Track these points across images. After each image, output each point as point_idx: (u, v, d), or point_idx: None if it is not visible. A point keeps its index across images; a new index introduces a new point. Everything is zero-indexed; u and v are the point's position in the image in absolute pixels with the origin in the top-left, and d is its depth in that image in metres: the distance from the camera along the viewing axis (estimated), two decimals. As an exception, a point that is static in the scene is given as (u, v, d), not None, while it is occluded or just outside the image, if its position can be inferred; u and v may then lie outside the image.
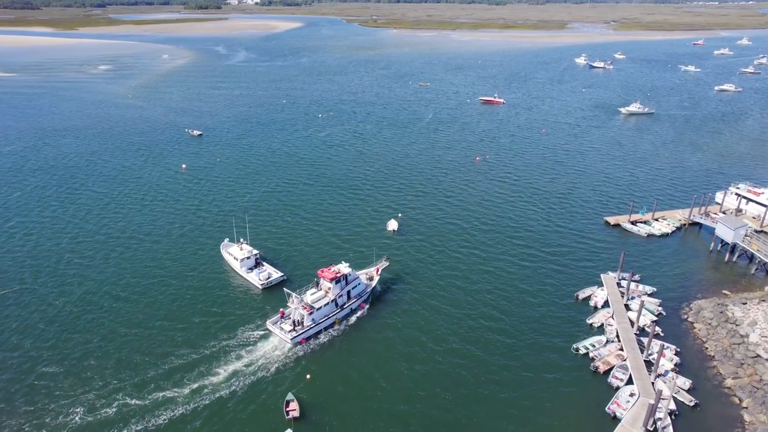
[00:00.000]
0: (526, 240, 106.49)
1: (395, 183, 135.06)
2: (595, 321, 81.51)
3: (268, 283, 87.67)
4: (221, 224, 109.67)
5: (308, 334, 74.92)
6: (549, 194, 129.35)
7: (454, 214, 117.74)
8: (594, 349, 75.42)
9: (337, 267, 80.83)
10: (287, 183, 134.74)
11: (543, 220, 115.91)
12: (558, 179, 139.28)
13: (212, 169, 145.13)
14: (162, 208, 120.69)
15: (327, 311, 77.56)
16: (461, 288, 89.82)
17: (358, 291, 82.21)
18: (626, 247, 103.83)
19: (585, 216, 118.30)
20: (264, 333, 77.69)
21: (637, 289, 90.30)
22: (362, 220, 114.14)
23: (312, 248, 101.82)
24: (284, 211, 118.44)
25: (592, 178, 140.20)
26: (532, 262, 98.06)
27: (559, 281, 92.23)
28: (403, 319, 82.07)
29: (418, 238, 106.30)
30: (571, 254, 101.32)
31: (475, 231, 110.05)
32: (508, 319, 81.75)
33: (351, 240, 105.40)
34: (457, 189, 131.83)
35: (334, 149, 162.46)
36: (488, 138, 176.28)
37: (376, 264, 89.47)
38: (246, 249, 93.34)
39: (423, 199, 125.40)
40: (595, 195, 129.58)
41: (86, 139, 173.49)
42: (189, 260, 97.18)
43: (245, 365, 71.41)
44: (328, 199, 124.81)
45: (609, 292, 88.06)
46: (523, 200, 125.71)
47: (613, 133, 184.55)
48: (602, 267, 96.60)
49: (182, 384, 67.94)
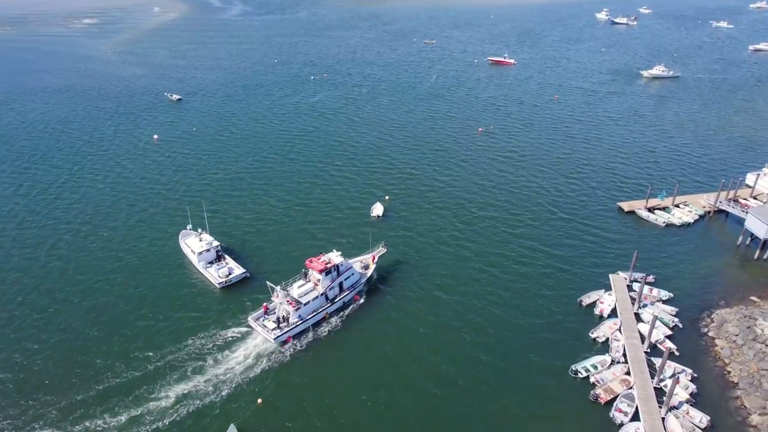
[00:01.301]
0: (527, 230, 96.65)
1: (385, 159, 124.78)
2: (600, 335, 72.13)
3: (227, 281, 78.50)
4: (186, 208, 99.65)
5: (294, 332, 69.28)
6: (556, 174, 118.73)
7: (447, 198, 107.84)
8: (596, 371, 66.31)
9: (327, 256, 74.33)
10: (266, 159, 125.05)
11: (548, 205, 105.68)
12: (568, 156, 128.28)
13: (186, 141, 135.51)
14: (124, 187, 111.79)
15: (316, 306, 72.06)
16: (445, 291, 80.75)
17: (352, 282, 76.32)
18: (641, 239, 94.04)
19: (596, 200, 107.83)
20: (222, 344, 69.66)
21: (651, 294, 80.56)
22: (344, 203, 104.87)
23: (283, 238, 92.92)
24: (258, 192, 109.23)
25: (606, 155, 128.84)
26: (531, 258, 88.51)
27: (561, 282, 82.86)
28: (381, 327, 73.04)
29: (404, 226, 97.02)
30: (578, 248, 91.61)
31: (469, 220, 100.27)
32: (498, 332, 72.87)
33: (328, 228, 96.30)
34: (453, 168, 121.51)
35: (322, 118, 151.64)
36: (494, 105, 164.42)
37: (372, 251, 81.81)
38: (206, 240, 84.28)
39: (414, 180, 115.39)
40: (608, 175, 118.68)
41: (56, 104, 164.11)
42: (144, 252, 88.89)
43: (194, 386, 63.48)
44: (308, 178, 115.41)
45: (618, 298, 78.64)
46: (526, 181, 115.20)
47: (632, 100, 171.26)
48: (612, 264, 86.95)
49: (117, 410, 60.33)
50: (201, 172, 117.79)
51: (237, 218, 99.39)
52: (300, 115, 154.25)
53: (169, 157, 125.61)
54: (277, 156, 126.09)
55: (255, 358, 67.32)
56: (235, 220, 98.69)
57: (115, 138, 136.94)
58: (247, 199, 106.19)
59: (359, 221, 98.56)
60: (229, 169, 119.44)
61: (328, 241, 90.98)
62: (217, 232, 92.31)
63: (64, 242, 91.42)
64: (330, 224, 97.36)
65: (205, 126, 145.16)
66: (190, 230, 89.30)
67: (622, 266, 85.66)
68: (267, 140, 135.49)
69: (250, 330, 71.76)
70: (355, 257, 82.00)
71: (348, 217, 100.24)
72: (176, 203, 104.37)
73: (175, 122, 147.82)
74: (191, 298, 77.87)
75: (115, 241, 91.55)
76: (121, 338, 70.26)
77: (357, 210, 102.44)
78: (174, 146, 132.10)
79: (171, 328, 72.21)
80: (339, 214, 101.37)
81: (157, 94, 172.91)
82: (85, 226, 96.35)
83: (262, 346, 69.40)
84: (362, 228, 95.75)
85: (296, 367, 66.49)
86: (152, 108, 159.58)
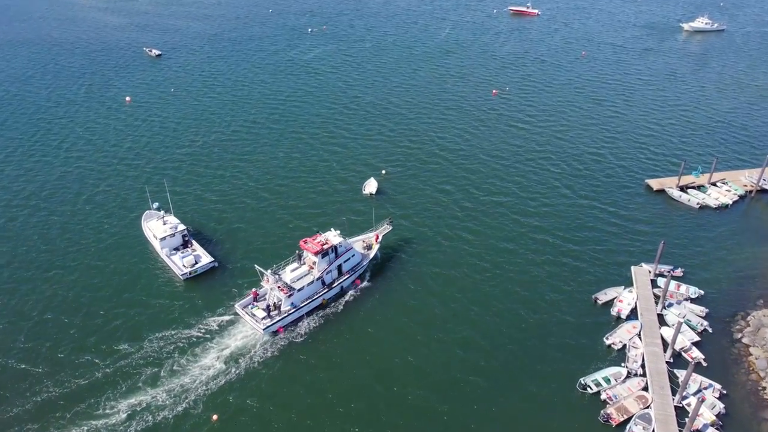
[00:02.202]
0: (539, 213, 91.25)
1: (383, 128, 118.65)
2: (616, 341, 67.32)
3: (191, 272, 73.90)
4: (154, 185, 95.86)
5: (286, 321, 67.28)
6: (577, 145, 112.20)
7: (451, 175, 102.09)
8: (608, 386, 61.60)
9: (324, 236, 71.77)
10: (248, 126, 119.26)
11: (565, 181, 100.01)
12: (592, 125, 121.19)
13: (163, 104, 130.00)
14: (86, 158, 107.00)
15: (311, 292, 69.85)
16: (440, 286, 76.06)
17: (352, 264, 73.88)
18: (670, 224, 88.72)
19: (621, 177, 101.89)
20: (184, 345, 66.06)
21: (678, 291, 75.28)
22: (333, 177, 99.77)
23: (260, 221, 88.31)
24: (236, 165, 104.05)
25: (635, 124, 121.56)
26: (542, 245, 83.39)
27: (574, 275, 77.89)
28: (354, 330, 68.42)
29: (398, 207, 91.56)
30: (596, 234, 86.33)
31: (473, 200, 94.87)
32: (497, 337, 68.32)
33: (312, 209, 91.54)
34: (461, 138, 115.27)
35: (316, 79, 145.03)
36: (512, 64, 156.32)
37: (375, 228, 78.92)
38: (170, 223, 79.54)
39: (415, 152, 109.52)
40: (636, 148, 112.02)
41: (22, 59, 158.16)
42: (100, 237, 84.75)
43: (149, 398, 59.95)
44: (294, 149, 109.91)
45: (639, 295, 73.78)
46: (542, 154, 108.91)
47: (669, 59, 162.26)
48: (635, 254, 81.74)
49: (53, 429, 56.53)
50: (174, 142, 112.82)
51: (209, 196, 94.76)
52: (292, 73, 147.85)
53: (139, 124, 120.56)
54: (261, 123, 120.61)
55: (226, 361, 63.54)
56: (207, 199, 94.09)
57: (84, 99, 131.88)
58: (224, 174, 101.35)
59: (351, 198, 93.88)
60: (207, 138, 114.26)
61: (313, 222, 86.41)
62: (185, 213, 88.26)
63: (7, 225, 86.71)
64: (315, 204, 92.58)
65: (185, 86, 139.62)
66: (157, 209, 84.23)
67: (647, 257, 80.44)
68: (252, 104, 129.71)
69: (220, 329, 68.07)
70: (356, 236, 78.34)
71: (337, 193, 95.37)
72: (145, 177, 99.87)
73: (152, 82, 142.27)
74: (151, 292, 74.08)
75: (69, 224, 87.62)
76: (68, 340, 66.42)
77: (348, 187, 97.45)
78: (148, 110, 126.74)
79: (126, 326, 68.77)
80: (326, 189, 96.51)
81: (135, 48, 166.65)
82: (34, 204, 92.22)
83: (237, 344, 66.03)
84: (352, 205, 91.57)
85: (288, 362, 63.85)
86: (128, 65, 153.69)
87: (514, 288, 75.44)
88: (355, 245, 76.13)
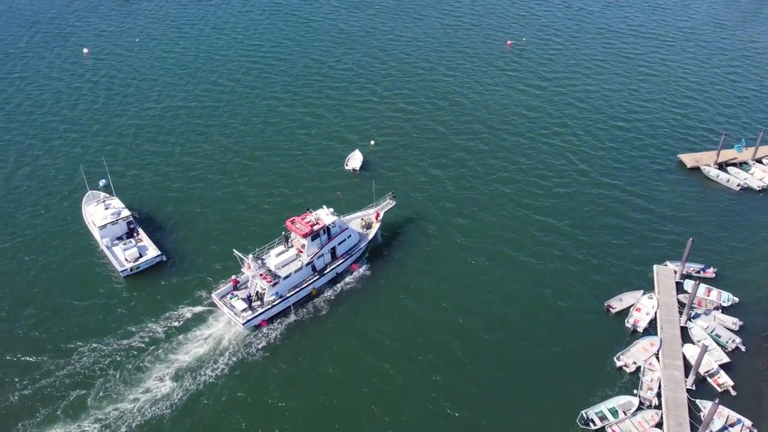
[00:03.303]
0: (549, 196, 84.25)
1: (376, 88, 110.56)
2: (628, 362, 61.36)
3: (134, 267, 68.71)
4: (108, 156, 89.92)
5: (270, 313, 63.93)
6: (600, 112, 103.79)
7: (450, 146, 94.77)
8: (615, 420, 56.07)
9: (315, 214, 67.79)
10: (219, 87, 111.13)
11: (582, 155, 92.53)
12: (619, 86, 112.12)
13: (124, 58, 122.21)
14: (32, 122, 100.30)
15: (299, 279, 66.19)
16: (431, 281, 70.49)
17: (348, 247, 70.38)
18: (703, 210, 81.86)
19: (649, 151, 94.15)
20: (120, 359, 60.87)
21: (708, 297, 68.57)
22: (310, 152, 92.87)
23: (221, 204, 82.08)
24: (197, 135, 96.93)
25: (669, 86, 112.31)
26: (550, 238, 76.67)
27: (585, 275, 71.44)
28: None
29: (385, 186, 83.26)
30: (615, 221, 79.55)
31: (472, 178, 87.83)
32: (483, 356, 61.95)
33: (284, 189, 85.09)
34: (465, 100, 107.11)
35: (306, 27, 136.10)
36: (533, 9, 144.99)
37: (376, 204, 75.20)
38: (113, 208, 73.36)
39: (410, 118, 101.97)
40: (670, 114, 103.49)
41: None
42: (35, 222, 78.71)
43: (75, 430, 54.71)
44: (269, 115, 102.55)
45: (661, 303, 67.38)
46: (558, 121, 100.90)
47: (715, 5, 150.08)
48: (659, 249, 75.04)
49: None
50: (129, 105, 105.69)
51: (167, 171, 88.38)
52: (276, 23, 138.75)
53: (94, 82, 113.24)
54: (236, 81, 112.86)
55: (176, 378, 58.26)
56: (165, 175, 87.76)
57: (38, 51, 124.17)
58: (186, 144, 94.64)
59: (332, 175, 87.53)
60: (171, 100, 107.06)
61: (286, 205, 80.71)
62: (135, 192, 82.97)
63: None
64: (291, 182, 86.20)
65: (153, 36, 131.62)
66: (105, 187, 79.09)
67: (673, 253, 73.48)
68: (225, 59, 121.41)
69: (167, 338, 62.65)
70: (353, 213, 74.03)
71: (314, 167, 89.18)
72: (96, 148, 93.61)
73: (116, 30, 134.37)
74: (84, 293, 68.20)
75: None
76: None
77: (329, 159, 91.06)
78: (106, 64, 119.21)
79: (50, 336, 62.99)
80: (303, 164, 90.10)
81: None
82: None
83: (192, 356, 60.91)
84: (331, 183, 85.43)
85: (271, 363, 60.03)
86: (92, 10, 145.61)
87: (512, 287, 69.66)
88: (352, 224, 71.93)
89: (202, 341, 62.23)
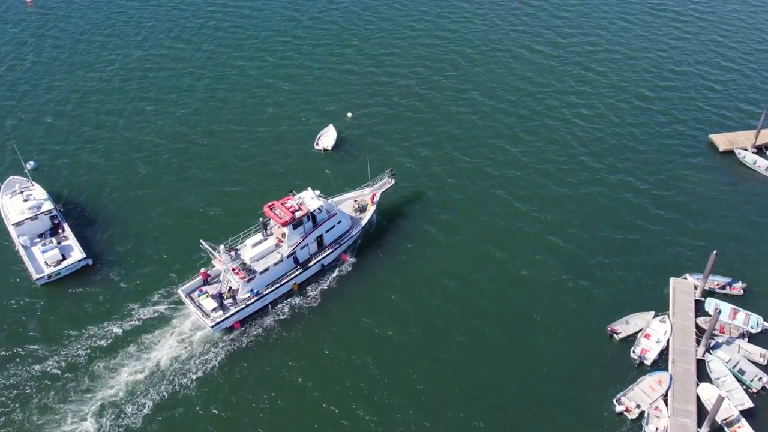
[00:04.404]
0: (554, 184, 76.44)
1: (356, 54, 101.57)
2: (631, 405, 54.64)
3: (53, 274, 62.83)
4: (38, 134, 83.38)
5: (245, 314, 60.13)
6: (619, 83, 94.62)
7: (443, 121, 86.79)
8: (609, 484, 48.46)
9: (299, 198, 63.45)
10: (177, 48, 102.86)
11: (596, 134, 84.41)
12: (644, 49, 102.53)
13: (75, 7, 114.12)
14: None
15: (279, 274, 62.23)
16: (407, 298, 63.79)
17: (337, 234, 66.21)
18: (734, 206, 74.03)
19: (673, 130, 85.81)
20: (30, 391, 55.00)
21: (733, 321, 61.20)
22: (280, 125, 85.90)
23: (165, 194, 75.41)
24: (148, 106, 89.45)
25: (706, 49, 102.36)
26: (546, 243, 69.46)
27: (587, 291, 64.18)
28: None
29: (358, 170, 76.10)
30: (627, 221, 72.11)
31: (464, 164, 79.99)
32: (449, 400, 55.21)
33: (243, 172, 78.48)
34: (455, 71, 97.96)
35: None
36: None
37: (372, 183, 70.87)
38: (33, 200, 67.30)
39: (399, 86, 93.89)
40: (703, 86, 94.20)
41: None
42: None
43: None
44: (225, 83, 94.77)
45: (675, 327, 60.08)
46: (566, 94, 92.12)
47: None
48: (679, 256, 67.69)
49: None
50: (77, 66, 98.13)
51: (103, 153, 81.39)
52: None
53: (37, 35, 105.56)
54: (194, 42, 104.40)
55: (102, 413, 52.39)
56: (99, 154, 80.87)
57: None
58: (128, 120, 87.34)
59: (299, 155, 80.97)
60: (119, 63, 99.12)
61: (242, 197, 74.48)
62: (66, 179, 76.10)
63: None
64: (250, 167, 79.32)
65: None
66: (32, 169, 73.45)
67: (695, 261, 66.08)
68: (187, 14, 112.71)
69: (87, 364, 56.72)
70: (344, 194, 70.00)
71: (279, 150, 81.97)
72: (27, 125, 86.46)
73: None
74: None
75: None
76: None
77: (296, 136, 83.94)
78: (52, 16, 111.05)
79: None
80: (266, 143, 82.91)
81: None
82: None
83: (125, 385, 54.98)
84: (297, 166, 79.14)
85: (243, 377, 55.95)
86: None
87: (494, 306, 62.69)
88: (344, 207, 67.72)
89: (137, 365, 56.33)
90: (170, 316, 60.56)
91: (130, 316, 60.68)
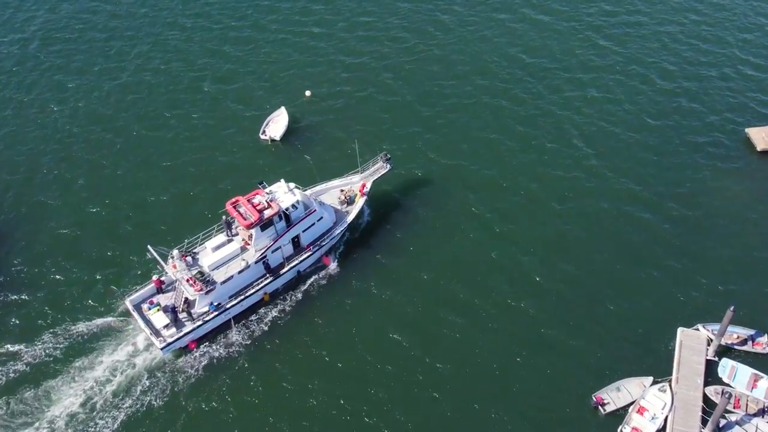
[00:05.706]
0: (527, 208, 68.57)
1: (320, 20, 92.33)
2: None
3: None
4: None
5: (202, 331, 56.54)
6: (639, 64, 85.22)
7: (406, 114, 78.82)
8: None
9: (268, 192, 58.61)
10: (105, 15, 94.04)
11: (601, 135, 75.82)
12: (667, 24, 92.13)
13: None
14: None
15: (245, 282, 58.41)
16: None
17: (318, 233, 61.85)
18: None
19: (702, 120, 77.19)
20: None
21: (753, 390, 52.77)
22: (218, 109, 79.18)
23: (81, 195, 69.63)
24: (56, 88, 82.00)
25: (741, 22, 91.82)
26: (528, 282, 61.99)
27: (570, 345, 57.03)
28: None
29: (307, 168, 70.06)
30: (634, 238, 65.14)
31: (436, 165, 72.62)
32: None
33: (173, 171, 72.19)
34: (444, 35, 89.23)
35: None
36: None
37: (363, 170, 65.62)
38: None
39: (370, 59, 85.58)
40: (740, 67, 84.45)
41: None
42: None
43: None
44: (157, 57, 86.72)
45: (677, 400, 52.48)
46: (573, 87, 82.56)
47: None
48: (693, 295, 60.14)
49: None
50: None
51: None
52: None
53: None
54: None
55: None
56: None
57: None
58: (37, 95, 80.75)
59: (241, 146, 74.65)
60: (21, 32, 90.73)
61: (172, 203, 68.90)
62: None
63: None
64: (181, 165, 72.81)
65: None
66: None
67: (715, 306, 57.95)
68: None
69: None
70: (327, 182, 65.29)
71: (215, 135, 75.49)
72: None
73: None
74: None
75: None
76: None
77: (240, 123, 76.97)
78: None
79: None
80: (204, 133, 76.02)
81: None
82: None
83: None
84: (237, 160, 73.29)
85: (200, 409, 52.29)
86: None
87: (447, 366, 55.60)
88: (328, 198, 63.45)
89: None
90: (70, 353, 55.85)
91: (32, 340, 56.50)
